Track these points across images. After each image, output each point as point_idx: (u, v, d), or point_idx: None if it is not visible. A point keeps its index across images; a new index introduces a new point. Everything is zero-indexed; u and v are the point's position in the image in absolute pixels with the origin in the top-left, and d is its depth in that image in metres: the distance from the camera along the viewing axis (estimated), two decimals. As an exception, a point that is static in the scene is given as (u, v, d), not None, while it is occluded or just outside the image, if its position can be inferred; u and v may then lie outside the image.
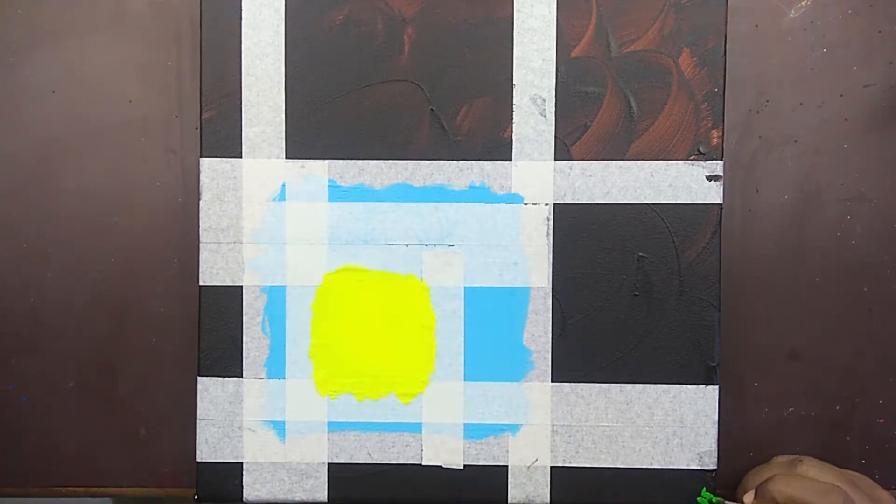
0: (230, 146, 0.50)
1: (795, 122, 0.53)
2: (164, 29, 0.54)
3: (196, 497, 0.51)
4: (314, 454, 0.51)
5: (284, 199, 0.50)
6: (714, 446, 0.50)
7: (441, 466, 0.51)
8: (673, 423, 0.50)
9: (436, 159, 0.50)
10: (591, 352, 0.50)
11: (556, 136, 0.50)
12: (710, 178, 0.49)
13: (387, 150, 0.50)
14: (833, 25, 0.53)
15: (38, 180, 0.54)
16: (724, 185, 0.50)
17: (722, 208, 0.49)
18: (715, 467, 0.50)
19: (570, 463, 0.50)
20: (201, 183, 0.50)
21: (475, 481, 0.51)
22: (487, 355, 0.50)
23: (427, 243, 0.50)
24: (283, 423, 0.51)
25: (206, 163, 0.50)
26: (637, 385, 0.50)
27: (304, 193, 0.50)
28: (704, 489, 0.50)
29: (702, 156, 0.49)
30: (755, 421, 0.54)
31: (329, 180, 0.50)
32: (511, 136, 0.50)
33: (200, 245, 0.50)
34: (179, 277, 0.54)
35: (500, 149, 0.50)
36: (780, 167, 0.53)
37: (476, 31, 0.50)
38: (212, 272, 0.50)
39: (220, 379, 0.51)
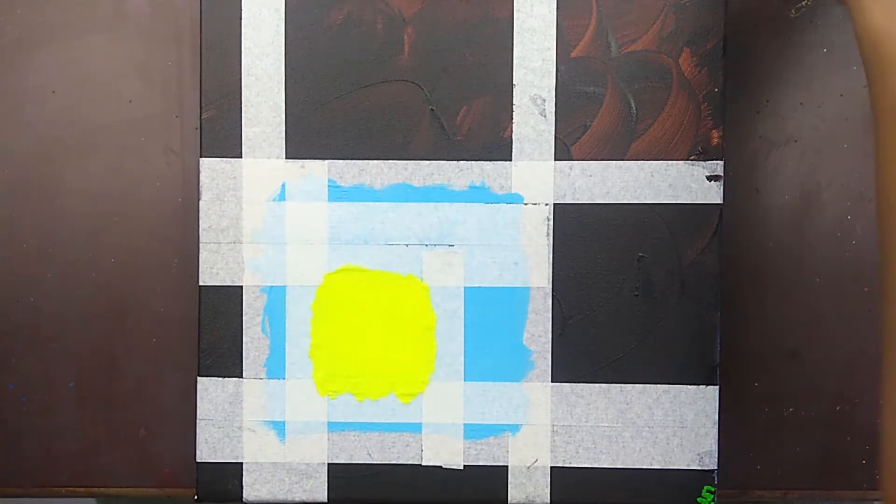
0: (230, 146, 0.50)
1: (795, 122, 0.53)
2: (164, 29, 0.54)
3: (196, 497, 0.51)
4: (314, 454, 0.51)
5: (284, 199, 0.50)
6: (714, 446, 0.50)
7: (441, 467, 0.51)
8: (673, 424, 0.50)
9: (436, 159, 0.50)
10: (591, 352, 0.50)
11: (556, 136, 0.50)
12: (710, 178, 0.49)
13: (387, 150, 0.50)
14: (833, 25, 0.53)
15: (38, 180, 0.54)
16: (724, 185, 0.50)
17: (722, 208, 0.49)
18: (715, 467, 0.50)
19: (570, 463, 0.50)
20: (201, 183, 0.50)
21: (475, 481, 0.51)
22: (487, 355, 0.50)
23: (427, 243, 0.50)
24: (283, 423, 0.51)
25: (206, 163, 0.50)
26: (637, 385, 0.50)
27: (304, 193, 0.50)
28: (706, 489, 0.50)
29: (702, 156, 0.49)
30: (755, 421, 0.54)
31: (329, 180, 0.50)
32: (511, 136, 0.50)
33: (200, 245, 0.50)
34: (179, 277, 0.54)
35: (500, 149, 0.50)
36: (780, 167, 0.53)
37: (476, 31, 0.50)
38: (212, 272, 0.50)
39: (220, 379, 0.51)
